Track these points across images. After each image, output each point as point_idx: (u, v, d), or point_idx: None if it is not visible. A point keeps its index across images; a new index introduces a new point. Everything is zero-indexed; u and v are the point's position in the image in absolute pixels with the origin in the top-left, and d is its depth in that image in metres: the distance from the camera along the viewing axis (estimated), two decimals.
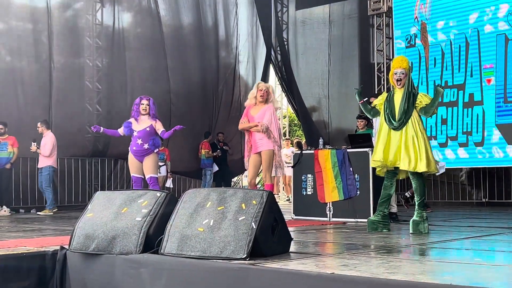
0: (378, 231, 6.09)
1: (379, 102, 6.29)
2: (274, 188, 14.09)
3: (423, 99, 6.07)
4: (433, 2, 12.20)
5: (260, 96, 7.29)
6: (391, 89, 6.35)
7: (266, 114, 7.28)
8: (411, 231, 5.94)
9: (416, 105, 6.03)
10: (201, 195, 4.33)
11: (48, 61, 11.97)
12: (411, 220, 6.03)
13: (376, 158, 6.09)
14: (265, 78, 15.15)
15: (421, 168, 5.89)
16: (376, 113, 6.40)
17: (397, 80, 6.08)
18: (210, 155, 13.27)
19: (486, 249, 4.84)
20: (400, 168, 6.02)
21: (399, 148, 5.97)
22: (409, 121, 5.99)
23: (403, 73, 6.06)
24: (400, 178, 6.39)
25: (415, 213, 6.04)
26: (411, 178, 6.10)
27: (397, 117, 6.02)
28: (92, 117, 12.57)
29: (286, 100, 16.61)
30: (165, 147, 12.46)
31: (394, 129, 6.02)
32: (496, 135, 11.19)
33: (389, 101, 6.12)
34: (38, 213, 10.63)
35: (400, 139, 5.98)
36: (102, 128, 8.23)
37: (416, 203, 6.07)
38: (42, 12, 12.01)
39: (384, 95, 6.33)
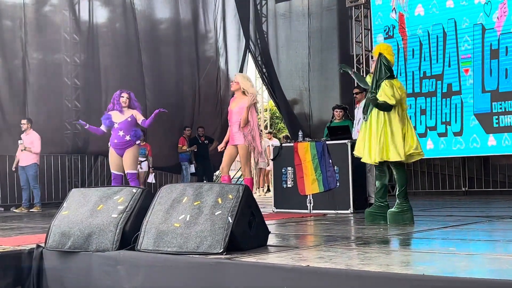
0: (376, 222, 5.96)
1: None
2: (256, 180, 14.16)
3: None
4: None
5: (232, 89, 7.37)
6: None
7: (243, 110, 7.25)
8: (388, 222, 5.87)
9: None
10: (177, 191, 4.31)
11: (25, 58, 11.81)
12: (388, 211, 5.95)
13: (376, 160, 5.88)
14: (242, 71, 15.08)
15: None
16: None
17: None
18: (183, 150, 13.22)
19: (462, 238, 4.88)
20: (390, 160, 5.84)
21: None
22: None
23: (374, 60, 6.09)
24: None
25: (395, 204, 5.93)
26: (392, 167, 5.96)
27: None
28: (71, 114, 12.44)
29: (267, 93, 16.58)
30: (146, 142, 12.38)
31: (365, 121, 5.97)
32: (475, 124, 11.29)
33: None
34: (14, 210, 10.66)
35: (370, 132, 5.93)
36: (87, 124, 8.13)
37: (397, 194, 5.96)
38: (18, 8, 11.85)
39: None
